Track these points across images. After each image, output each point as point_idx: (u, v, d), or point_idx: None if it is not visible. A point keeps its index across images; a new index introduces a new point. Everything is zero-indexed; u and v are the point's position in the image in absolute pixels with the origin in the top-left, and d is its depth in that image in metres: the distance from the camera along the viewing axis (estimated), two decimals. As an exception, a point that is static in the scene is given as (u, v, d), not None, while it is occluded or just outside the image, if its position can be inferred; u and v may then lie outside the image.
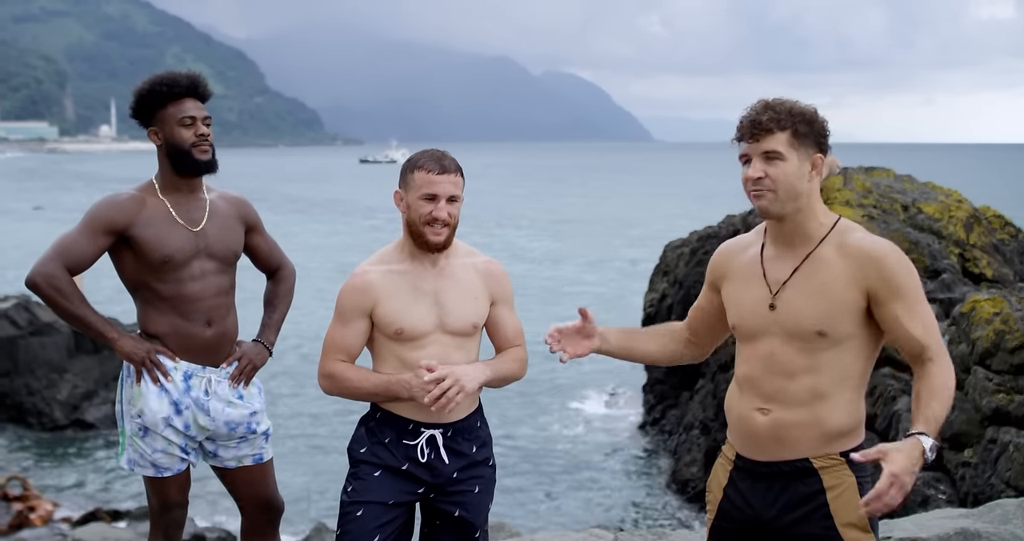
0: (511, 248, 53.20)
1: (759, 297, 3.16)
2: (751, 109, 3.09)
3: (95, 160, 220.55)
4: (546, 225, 68.01)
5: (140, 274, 3.89)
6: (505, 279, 3.76)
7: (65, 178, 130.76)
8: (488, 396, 3.92)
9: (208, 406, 3.92)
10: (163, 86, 3.91)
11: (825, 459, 3.10)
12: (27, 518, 16.96)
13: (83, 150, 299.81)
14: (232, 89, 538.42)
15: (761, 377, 3.14)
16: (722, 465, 3.31)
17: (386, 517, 3.56)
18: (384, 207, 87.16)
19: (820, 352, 3.06)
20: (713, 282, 3.38)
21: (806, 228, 3.11)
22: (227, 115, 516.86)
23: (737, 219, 20.62)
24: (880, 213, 17.51)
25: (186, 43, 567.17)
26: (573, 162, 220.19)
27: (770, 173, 3.04)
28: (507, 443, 21.14)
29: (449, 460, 3.62)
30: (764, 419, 3.12)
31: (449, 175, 3.56)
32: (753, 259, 3.22)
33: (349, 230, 64.68)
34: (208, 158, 3.93)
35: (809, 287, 3.08)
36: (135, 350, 3.86)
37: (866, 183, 18.55)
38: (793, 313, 3.08)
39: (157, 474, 3.94)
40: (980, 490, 12.28)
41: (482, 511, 3.70)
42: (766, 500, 3.15)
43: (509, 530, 10.71)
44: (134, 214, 3.84)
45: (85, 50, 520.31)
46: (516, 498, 18.41)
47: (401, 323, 3.57)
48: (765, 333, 3.14)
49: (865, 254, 3.05)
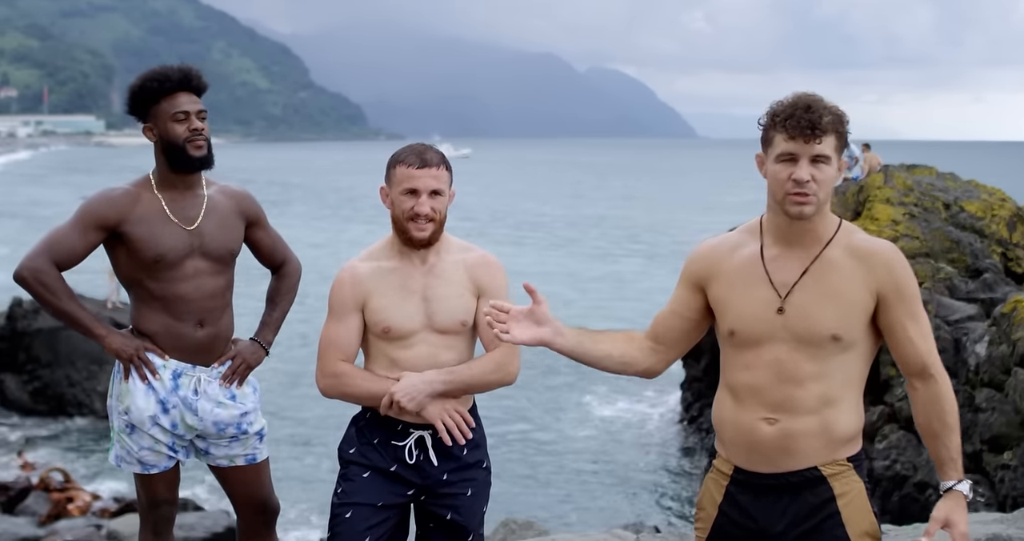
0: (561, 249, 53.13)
1: (763, 300, 2.99)
2: (798, 105, 2.91)
3: (141, 154, 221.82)
4: (592, 224, 67.85)
5: (133, 272, 3.81)
6: (497, 272, 3.62)
7: (111, 171, 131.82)
8: (516, 393, 3.82)
9: (196, 406, 3.83)
10: (154, 81, 3.82)
11: (834, 466, 2.98)
12: (65, 509, 17.10)
13: (128, 144, 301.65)
14: (277, 84, 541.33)
15: (767, 385, 2.98)
16: (715, 480, 3.13)
17: (376, 519, 3.47)
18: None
19: (830, 357, 2.94)
20: (695, 284, 3.15)
21: (816, 229, 2.97)
22: (272, 109, 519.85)
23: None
24: (921, 211, 17.35)
25: (231, 38, 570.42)
26: (617, 159, 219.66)
27: (817, 177, 2.89)
28: (537, 440, 21.13)
29: (438, 462, 3.52)
30: (771, 429, 2.97)
31: (431, 169, 3.46)
32: (752, 260, 3.05)
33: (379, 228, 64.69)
34: (203, 154, 3.84)
35: (821, 289, 2.95)
36: (123, 347, 3.78)
37: (907, 181, 18.37)
38: (804, 317, 2.94)
39: (144, 471, 3.88)
40: (1020, 493, 12.13)
41: (475, 514, 3.59)
42: (773, 514, 3.00)
43: (537, 529, 10.68)
44: (126, 210, 3.76)
45: (132, 45, 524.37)
46: (548, 496, 18.42)
47: (388, 321, 3.49)
48: (771, 339, 2.98)
49: (875, 255, 2.95)
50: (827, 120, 2.87)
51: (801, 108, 2.89)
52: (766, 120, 2.96)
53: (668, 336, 3.21)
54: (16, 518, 16.02)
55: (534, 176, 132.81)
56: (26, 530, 15.15)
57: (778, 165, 2.92)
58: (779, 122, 2.91)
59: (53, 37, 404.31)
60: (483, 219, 67.77)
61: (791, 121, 2.88)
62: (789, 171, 2.90)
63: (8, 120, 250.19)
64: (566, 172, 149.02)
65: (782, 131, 2.90)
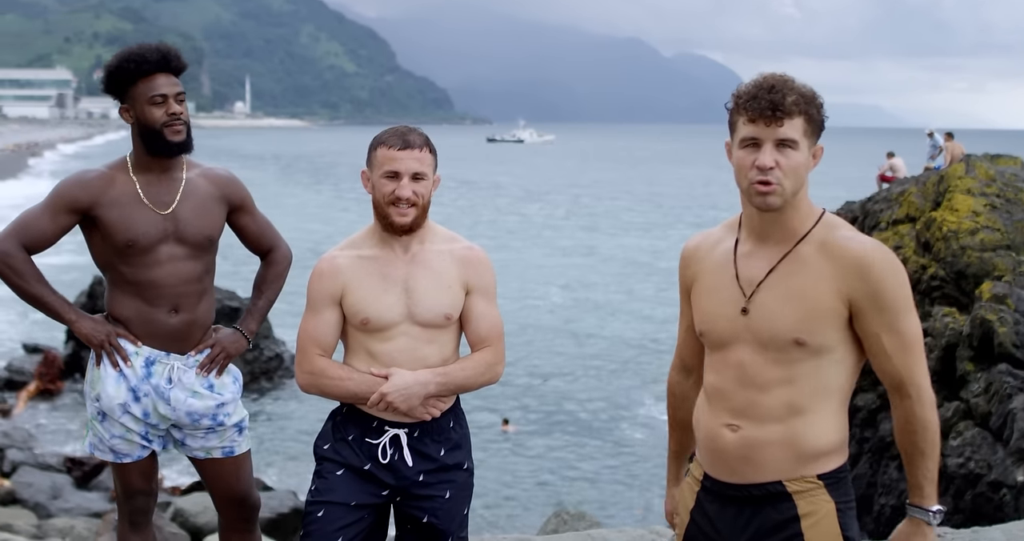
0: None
1: (729, 299, 2.76)
2: (761, 86, 2.66)
3: (230, 135, 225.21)
4: (672, 209, 67.52)
5: (106, 256, 3.69)
6: (485, 267, 3.44)
7: (201, 153, 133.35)
8: (579, 389, 3.65)
9: (169, 395, 3.70)
10: (131, 62, 3.65)
11: (800, 482, 2.71)
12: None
13: (218, 126, 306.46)
14: (364, 67, 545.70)
15: (731, 389, 2.76)
16: (689, 485, 2.93)
17: (349, 518, 3.31)
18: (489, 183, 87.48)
19: (797, 363, 2.68)
20: (686, 286, 2.95)
21: (789, 222, 2.72)
22: (359, 93, 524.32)
23: (856, 206, 20.15)
24: (1003, 202, 16.87)
25: (319, 21, 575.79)
26: (704, 145, 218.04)
27: (782, 163, 2.64)
28: (594, 435, 21.15)
29: (413, 462, 3.35)
30: (733, 436, 2.75)
31: (413, 150, 3.28)
32: (726, 256, 2.81)
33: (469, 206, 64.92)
34: (181, 139, 3.68)
35: (786, 290, 2.69)
36: (93, 332, 3.66)
37: (990, 171, 17.88)
38: (767, 318, 2.69)
39: (116, 460, 3.76)
40: None
41: (455, 518, 3.40)
42: (735, 527, 2.77)
43: (589, 520, 10.68)
44: (99, 193, 3.63)
45: (222, 28, 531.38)
46: (598, 490, 18.46)
47: (367, 312, 3.32)
48: (735, 341, 2.75)
49: (849, 257, 2.66)
50: (791, 100, 2.63)
51: (764, 89, 2.65)
52: (731, 103, 2.73)
53: (694, 354, 3.03)
54: (89, 493, 16.31)
55: (621, 161, 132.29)
56: (98, 505, 15.41)
57: (741, 151, 2.69)
58: (741, 104, 2.68)
59: (146, 20, 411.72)
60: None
61: (752, 103, 2.65)
62: (752, 157, 2.66)
63: (101, 101, 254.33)
64: (669, 157, 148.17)
65: (744, 113, 2.67)
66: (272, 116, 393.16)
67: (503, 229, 55.43)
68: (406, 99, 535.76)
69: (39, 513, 15.61)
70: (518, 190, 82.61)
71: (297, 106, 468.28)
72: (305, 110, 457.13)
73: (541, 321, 32.52)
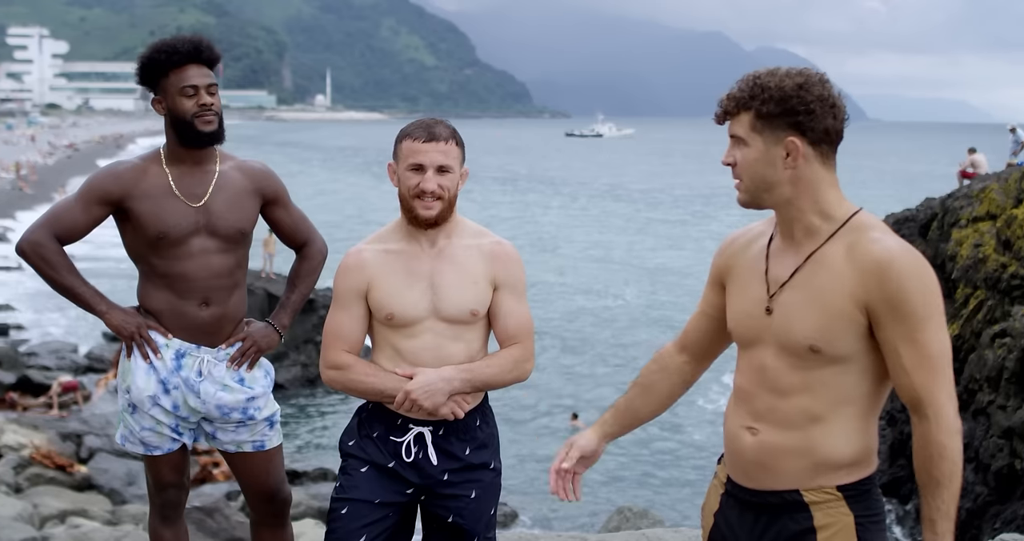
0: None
1: (756, 298, 2.67)
2: (738, 82, 2.66)
3: (310, 128, 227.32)
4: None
5: (138, 248, 3.68)
6: (513, 262, 3.36)
7: (274, 144, 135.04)
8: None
9: (199, 388, 3.68)
10: (162, 53, 3.63)
11: (818, 492, 2.60)
12: (210, 473, 17.59)
13: (299, 119, 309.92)
14: (443, 61, 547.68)
15: (753, 391, 2.67)
16: (715, 488, 2.86)
17: (373, 516, 3.26)
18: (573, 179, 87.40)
19: (814, 369, 2.57)
20: (718, 278, 2.85)
21: (805, 222, 2.60)
22: (439, 86, 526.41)
23: (936, 203, 19.79)
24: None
25: (400, 15, 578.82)
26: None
27: (736, 159, 2.62)
28: (659, 436, 21.10)
29: (438, 460, 3.29)
30: (751, 440, 2.66)
31: (438, 143, 3.21)
32: (759, 252, 2.73)
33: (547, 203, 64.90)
34: (213, 129, 3.65)
35: (808, 292, 2.57)
36: (124, 324, 3.65)
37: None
38: (787, 321, 2.59)
39: (147, 452, 3.76)
40: None
41: (481, 518, 3.34)
42: (752, 534, 2.68)
43: (653, 518, 10.60)
44: (131, 185, 3.62)
45: (303, 22, 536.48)
46: (656, 489, 18.43)
47: (391, 307, 3.26)
48: (759, 341, 2.66)
49: (869, 260, 2.51)
50: (729, 97, 2.62)
51: (739, 83, 2.63)
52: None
53: (702, 340, 2.95)
54: (164, 480, 16.50)
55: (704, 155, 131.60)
56: (172, 492, 15.59)
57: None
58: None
59: (229, 14, 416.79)
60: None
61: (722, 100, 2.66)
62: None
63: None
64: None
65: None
66: (352, 109, 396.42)
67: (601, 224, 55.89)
68: (485, 93, 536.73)
69: (114, 499, 15.86)
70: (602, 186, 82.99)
71: (377, 99, 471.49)
72: (384, 103, 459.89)
73: (627, 315, 32.67)
